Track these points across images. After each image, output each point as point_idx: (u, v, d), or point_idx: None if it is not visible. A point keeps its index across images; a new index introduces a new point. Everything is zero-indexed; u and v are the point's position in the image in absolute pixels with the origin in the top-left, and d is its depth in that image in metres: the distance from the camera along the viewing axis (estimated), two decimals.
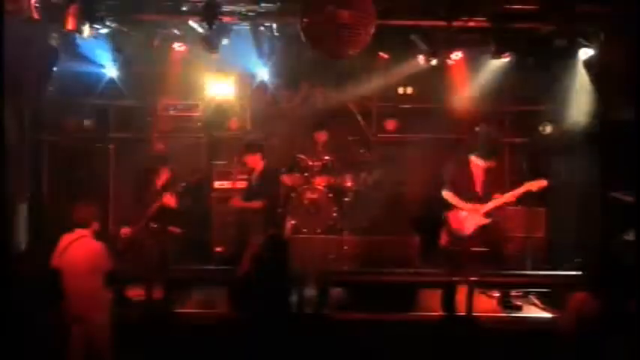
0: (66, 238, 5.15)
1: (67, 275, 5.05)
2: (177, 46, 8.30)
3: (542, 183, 6.51)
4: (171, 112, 9.02)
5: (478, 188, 6.67)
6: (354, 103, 9.39)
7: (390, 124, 9.52)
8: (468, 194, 6.61)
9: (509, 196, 6.55)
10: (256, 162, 7.39)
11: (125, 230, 6.78)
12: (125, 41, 8.00)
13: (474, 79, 8.66)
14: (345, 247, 8.21)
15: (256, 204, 7.00)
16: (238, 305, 5.08)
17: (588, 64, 7.53)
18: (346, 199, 8.70)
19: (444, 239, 6.77)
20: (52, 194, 8.41)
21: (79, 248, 5.07)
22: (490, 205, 6.56)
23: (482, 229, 6.61)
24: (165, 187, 6.92)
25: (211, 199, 8.60)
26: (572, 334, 3.89)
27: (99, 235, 5.32)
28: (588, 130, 8.02)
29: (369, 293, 6.50)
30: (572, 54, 7.64)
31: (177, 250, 7.19)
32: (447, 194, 6.66)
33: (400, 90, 9.45)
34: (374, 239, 8.31)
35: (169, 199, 6.91)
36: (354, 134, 9.37)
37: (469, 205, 6.58)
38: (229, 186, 8.30)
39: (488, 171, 6.71)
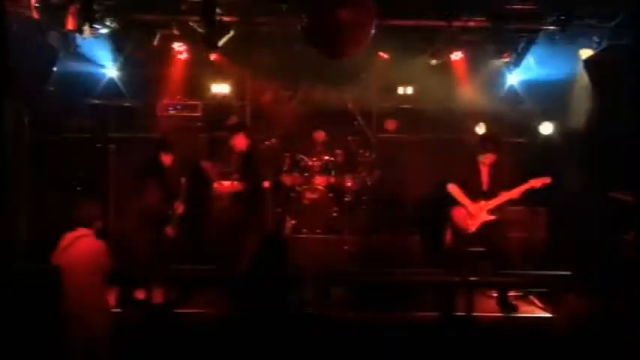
0: (67, 237, 5.14)
1: (68, 273, 5.04)
2: (177, 46, 8.30)
3: (546, 180, 6.62)
4: (172, 112, 9.01)
5: (485, 186, 6.70)
6: (354, 103, 9.38)
7: (390, 124, 9.52)
8: (475, 192, 6.65)
9: (514, 192, 6.62)
10: (241, 142, 7.36)
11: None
12: (125, 41, 8.00)
13: (474, 78, 8.67)
14: (345, 247, 8.21)
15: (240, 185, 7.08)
16: (236, 305, 5.06)
17: (588, 63, 7.53)
18: (346, 199, 8.70)
19: (448, 237, 6.79)
20: (52, 194, 8.40)
21: (81, 247, 5.07)
22: (495, 201, 6.60)
23: (487, 226, 6.63)
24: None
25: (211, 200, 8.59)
26: (566, 334, 3.89)
27: (100, 235, 5.31)
28: (588, 130, 8.02)
29: (369, 293, 6.50)
30: (572, 54, 7.64)
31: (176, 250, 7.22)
32: (452, 188, 6.69)
33: (400, 90, 9.45)
34: (374, 239, 8.31)
35: (179, 207, 7.16)
36: (354, 134, 9.36)
37: (472, 203, 6.61)
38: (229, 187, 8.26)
39: (493, 168, 6.74)
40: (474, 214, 6.61)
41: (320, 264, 7.46)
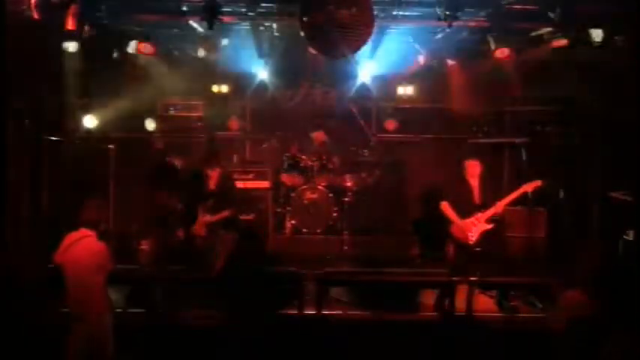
0: (70, 237, 5.14)
1: (70, 273, 5.04)
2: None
3: (537, 183, 6.70)
4: (172, 112, 9.02)
5: (477, 199, 6.72)
6: (354, 103, 9.38)
7: (390, 124, 9.52)
8: (467, 208, 6.66)
9: (507, 200, 6.67)
10: (213, 179, 7.03)
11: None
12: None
13: (474, 79, 8.68)
14: (345, 247, 8.21)
15: (224, 213, 6.90)
16: (217, 304, 5.05)
17: (588, 63, 7.53)
18: (346, 199, 8.71)
19: (450, 251, 6.79)
20: (52, 194, 8.40)
21: (83, 247, 5.06)
22: (490, 211, 6.63)
23: (486, 234, 6.65)
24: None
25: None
26: (562, 332, 3.89)
27: (102, 236, 5.31)
28: (588, 130, 8.04)
29: (369, 293, 6.50)
30: (571, 54, 7.64)
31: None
32: (444, 206, 6.72)
33: (400, 90, 9.46)
34: (374, 239, 8.31)
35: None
36: (354, 134, 9.37)
37: (463, 221, 6.63)
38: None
39: (483, 179, 6.75)
40: (472, 225, 6.64)
41: (320, 264, 7.45)
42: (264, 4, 7.28)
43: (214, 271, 5.35)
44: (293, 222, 8.60)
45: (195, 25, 7.53)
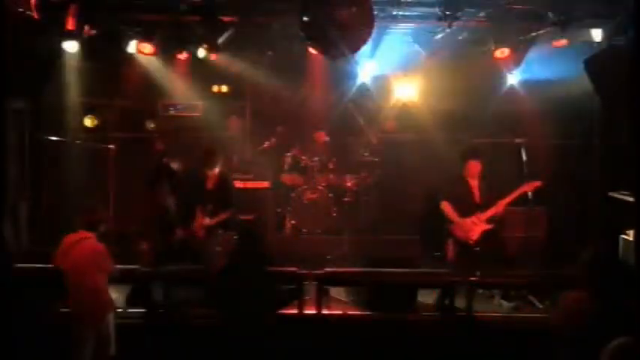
0: (69, 238, 5.15)
1: (70, 275, 5.05)
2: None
3: (536, 184, 6.70)
4: (172, 112, 9.02)
5: (477, 199, 6.72)
6: (354, 103, 9.38)
7: (390, 124, 9.51)
8: (469, 207, 6.66)
9: (507, 199, 6.67)
10: (212, 179, 6.91)
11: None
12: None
13: (474, 78, 8.67)
14: (345, 247, 8.21)
15: (223, 216, 6.88)
16: (216, 304, 5.04)
17: (588, 63, 7.53)
18: (346, 199, 8.71)
19: (450, 251, 6.79)
20: (52, 194, 8.42)
21: (83, 249, 5.07)
22: (490, 211, 6.63)
23: (486, 233, 6.66)
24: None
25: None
26: (562, 332, 3.89)
27: (102, 236, 5.31)
28: (588, 130, 8.04)
29: (369, 293, 6.50)
30: (571, 53, 7.64)
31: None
32: (444, 205, 6.72)
33: (400, 90, 9.45)
34: (374, 239, 8.31)
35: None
36: (354, 134, 9.36)
37: (463, 219, 6.63)
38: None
39: (482, 180, 6.76)
40: (472, 225, 6.64)
41: (320, 264, 7.45)
42: (264, 4, 7.28)
43: (214, 271, 5.34)
44: (293, 222, 8.60)
45: (195, 25, 7.53)
